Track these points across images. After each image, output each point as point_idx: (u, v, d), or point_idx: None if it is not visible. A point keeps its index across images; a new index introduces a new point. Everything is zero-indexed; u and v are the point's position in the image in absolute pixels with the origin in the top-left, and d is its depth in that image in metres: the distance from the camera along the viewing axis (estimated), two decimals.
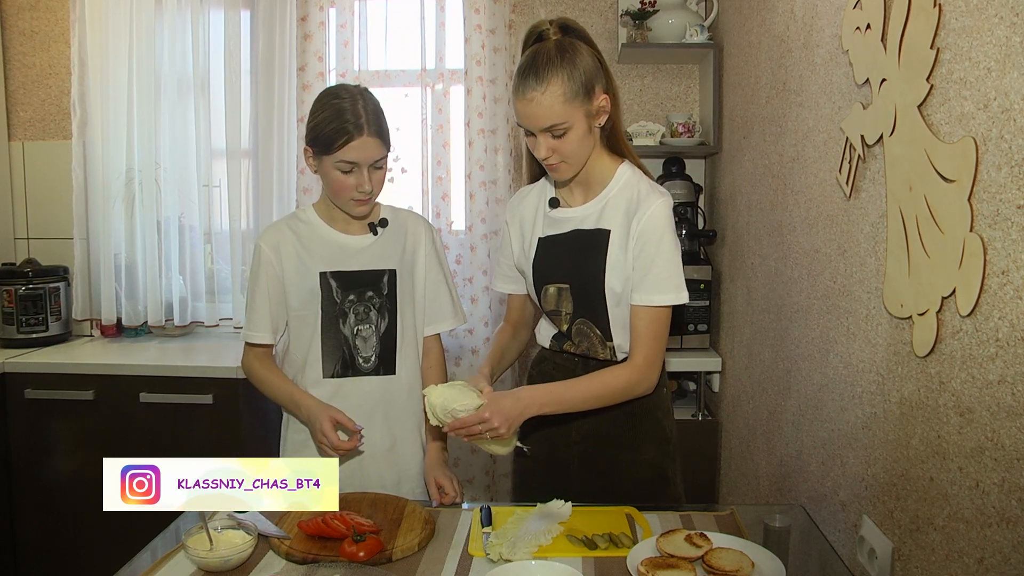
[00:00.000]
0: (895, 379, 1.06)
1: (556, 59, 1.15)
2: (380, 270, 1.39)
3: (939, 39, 0.93)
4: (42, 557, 2.16)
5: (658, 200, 1.22)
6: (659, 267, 1.21)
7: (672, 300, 1.22)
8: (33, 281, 2.34)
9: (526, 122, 1.19)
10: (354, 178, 1.28)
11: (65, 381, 2.10)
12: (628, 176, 1.27)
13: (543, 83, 1.14)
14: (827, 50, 1.31)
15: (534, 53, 1.18)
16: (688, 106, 2.45)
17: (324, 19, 2.36)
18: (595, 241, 1.25)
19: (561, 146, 1.18)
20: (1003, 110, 0.81)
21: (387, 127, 1.32)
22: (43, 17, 2.51)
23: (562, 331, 1.31)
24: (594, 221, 1.26)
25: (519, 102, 1.17)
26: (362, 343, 1.38)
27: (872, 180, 1.13)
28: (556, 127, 1.16)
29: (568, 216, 1.29)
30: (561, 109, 1.15)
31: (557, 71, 1.14)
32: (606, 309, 1.26)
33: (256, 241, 1.42)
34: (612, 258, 1.24)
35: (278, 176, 2.39)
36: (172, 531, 1.20)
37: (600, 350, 1.29)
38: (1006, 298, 0.81)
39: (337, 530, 1.09)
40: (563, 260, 1.29)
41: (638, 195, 1.23)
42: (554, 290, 1.30)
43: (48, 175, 2.52)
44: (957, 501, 0.90)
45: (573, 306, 1.29)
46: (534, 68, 1.15)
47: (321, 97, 1.32)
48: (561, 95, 1.14)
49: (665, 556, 1.04)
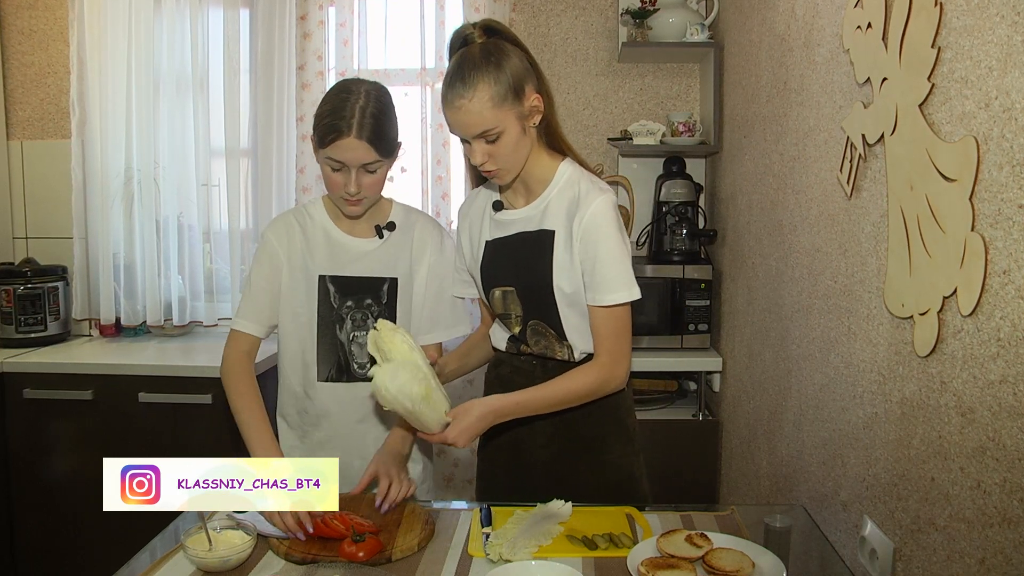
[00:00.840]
0: (896, 379, 1.06)
1: (481, 63, 1.13)
2: (381, 278, 1.36)
3: (940, 38, 0.93)
4: (41, 557, 2.15)
5: (598, 198, 1.19)
6: (605, 266, 1.19)
7: (624, 298, 1.19)
8: (32, 281, 2.34)
9: (457, 130, 1.17)
10: (342, 177, 1.25)
11: (64, 381, 2.09)
12: (568, 174, 1.24)
13: (470, 89, 1.12)
14: (828, 49, 1.31)
15: (459, 59, 1.16)
16: (688, 105, 2.45)
17: (323, 18, 2.36)
18: (540, 243, 1.23)
19: (496, 151, 1.16)
20: (1004, 109, 0.81)
21: (390, 132, 1.27)
22: (42, 16, 2.50)
23: (515, 334, 1.30)
24: (537, 222, 1.24)
25: (448, 111, 1.16)
26: (358, 349, 1.35)
27: (873, 179, 1.13)
28: (488, 132, 1.14)
29: (512, 218, 1.28)
30: (490, 114, 1.13)
31: (483, 76, 1.13)
32: (557, 310, 1.24)
33: (263, 231, 1.40)
34: (558, 259, 1.22)
35: (277, 175, 2.39)
36: (171, 531, 1.20)
37: (558, 349, 1.27)
38: (1007, 298, 0.81)
39: (337, 530, 1.09)
40: (509, 263, 1.27)
41: (578, 194, 1.21)
42: (499, 293, 1.28)
43: (47, 174, 2.51)
44: (958, 501, 0.90)
45: (523, 308, 1.27)
46: (460, 75, 1.14)
47: (332, 88, 1.30)
48: (489, 100, 1.13)
49: (665, 556, 1.04)
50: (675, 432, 2.14)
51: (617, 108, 2.47)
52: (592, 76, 2.47)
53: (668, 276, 2.17)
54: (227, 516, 1.13)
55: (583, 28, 2.46)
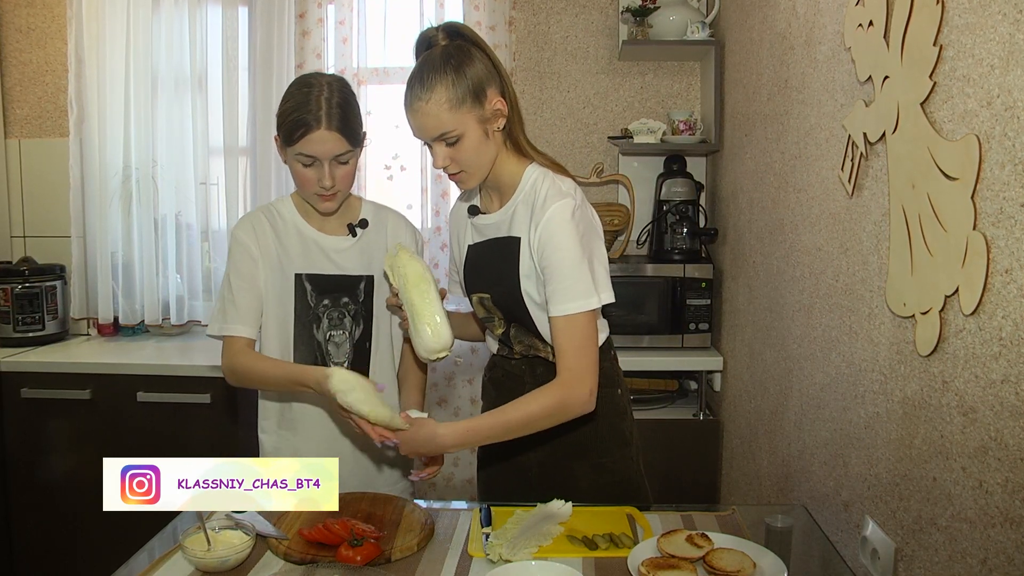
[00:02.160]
0: (898, 378, 1.05)
1: (440, 66, 1.13)
2: (358, 276, 1.35)
3: (942, 36, 0.93)
4: (39, 558, 2.15)
5: (552, 205, 1.14)
6: (559, 275, 1.14)
7: (580, 307, 1.13)
8: (29, 280, 2.33)
9: (417, 133, 1.17)
10: (314, 172, 1.24)
11: (62, 380, 2.09)
12: (534, 179, 1.21)
13: (427, 91, 1.12)
14: (829, 47, 1.30)
15: (421, 62, 1.16)
16: (689, 103, 2.45)
17: (323, 15, 2.35)
18: (509, 249, 1.22)
19: (456, 154, 1.15)
20: (1006, 107, 0.81)
21: (356, 121, 1.26)
22: (40, 14, 2.49)
23: (499, 335, 1.29)
24: (507, 228, 1.23)
25: (407, 113, 1.16)
26: (334, 349, 1.35)
27: (875, 178, 1.13)
28: (447, 135, 1.13)
29: (487, 223, 1.27)
30: (448, 117, 1.12)
31: (440, 78, 1.12)
32: (531, 316, 1.22)
33: (233, 230, 1.34)
34: (524, 267, 1.20)
35: (276, 173, 2.38)
36: (169, 531, 1.20)
37: (541, 348, 1.26)
38: (1009, 297, 0.81)
39: (337, 535, 1.09)
40: (483, 269, 1.27)
41: (536, 200, 1.18)
42: (476, 299, 1.29)
43: (45, 173, 2.50)
44: (960, 501, 0.90)
45: (502, 312, 1.27)
46: (419, 77, 1.13)
47: (291, 85, 1.27)
48: (446, 102, 1.11)
49: (666, 556, 1.04)
50: (676, 432, 2.14)
51: (618, 106, 2.47)
52: (592, 74, 2.46)
53: (669, 275, 2.17)
54: (226, 516, 1.13)
55: (583, 26, 2.46)
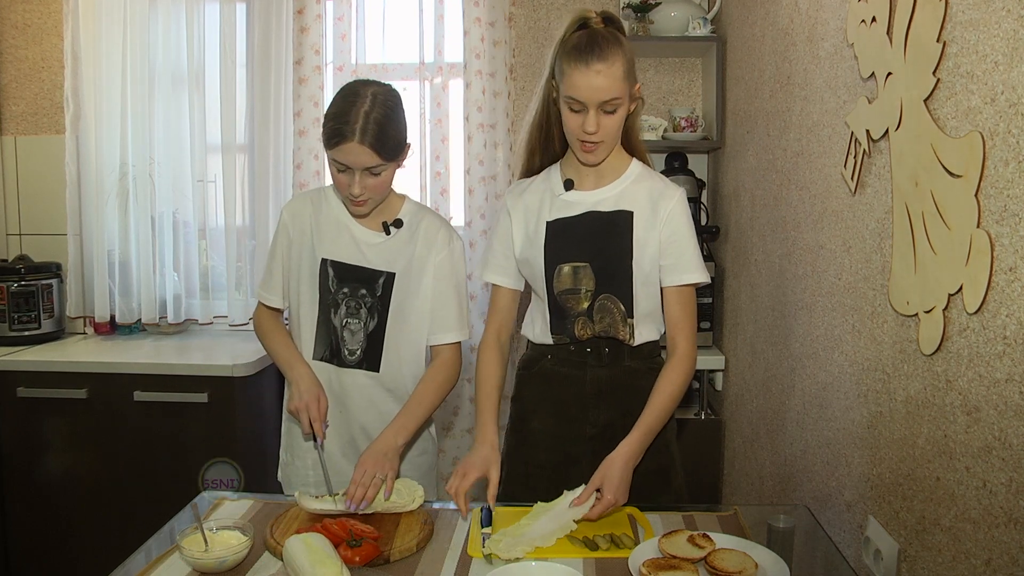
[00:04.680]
0: (901, 377, 1.05)
1: (614, 41, 1.23)
2: (379, 271, 1.38)
3: (946, 32, 0.92)
4: (34, 558, 2.14)
5: (680, 191, 1.34)
6: (687, 248, 1.31)
7: (700, 278, 1.32)
8: (25, 278, 2.32)
9: (587, 94, 1.21)
10: (347, 177, 1.28)
11: (58, 379, 2.08)
12: (641, 170, 1.36)
13: (609, 57, 1.21)
14: (832, 43, 1.29)
15: (590, 35, 1.24)
16: (691, 100, 2.44)
17: (321, 11, 2.34)
18: (617, 222, 1.31)
19: (608, 123, 1.24)
20: (1010, 104, 0.80)
21: (394, 137, 1.28)
22: (36, 10, 2.48)
23: (580, 310, 1.31)
24: (613, 204, 1.32)
25: (582, 75, 1.21)
26: (349, 336, 1.38)
27: (878, 175, 1.12)
28: (612, 101, 1.22)
29: (581, 199, 1.33)
30: (621, 85, 1.22)
31: (617, 50, 1.22)
32: (631, 287, 1.30)
33: (283, 208, 1.46)
34: (639, 238, 1.30)
35: (274, 171, 2.37)
36: (167, 532, 1.19)
37: (621, 328, 1.31)
38: (1014, 295, 0.80)
39: (336, 535, 1.08)
40: (581, 239, 1.31)
41: (660, 185, 1.34)
42: (569, 269, 1.31)
43: (41, 170, 2.49)
44: (964, 501, 0.89)
45: (595, 283, 1.31)
46: (597, 46, 1.21)
47: (341, 89, 1.31)
48: (622, 71, 1.22)
49: (667, 557, 1.03)
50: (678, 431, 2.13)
51: None
52: None
53: None
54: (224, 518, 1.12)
55: None
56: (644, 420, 1.24)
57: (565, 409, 1.35)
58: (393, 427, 1.31)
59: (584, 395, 1.33)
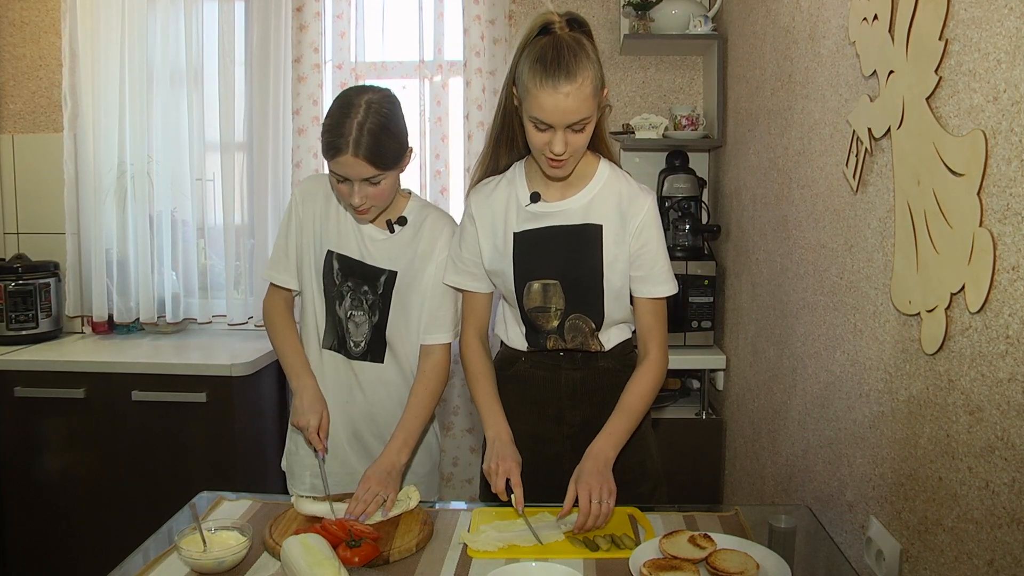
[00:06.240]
0: (903, 377, 1.04)
1: (581, 53, 1.13)
2: (381, 269, 1.37)
3: (948, 30, 0.91)
4: (32, 558, 2.13)
5: (649, 199, 1.29)
6: (657, 261, 1.29)
7: (671, 290, 1.31)
8: (23, 277, 2.31)
9: (554, 117, 1.13)
10: (346, 187, 1.27)
11: (56, 379, 2.07)
12: (609, 173, 1.29)
13: (576, 78, 1.11)
14: (833, 41, 1.29)
15: (555, 47, 1.13)
16: (692, 98, 2.43)
17: (320, 9, 2.33)
18: (586, 236, 1.26)
19: (577, 140, 1.17)
20: (1013, 102, 0.80)
21: (390, 147, 1.25)
22: (33, 8, 2.47)
23: (549, 328, 1.30)
24: (581, 216, 1.26)
25: (549, 96, 1.11)
26: (354, 328, 1.39)
27: (879, 174, 1.12)
28: (581, 121, 1.14)
29: (548, 211, 1.27)
30: (590, 104, 1.14)
31: (585, 65, 1.12)
32: (602, 304, 1.27)
33: (296, 187, 1.43)
34: (609, 254, 1.26)
35: (273, 170, 2.36)
36: (165, 532, 1.18)
37: (591, 341, 1.31)
38: (1016, 294, 0.80)
39: (335, 535, 1.07)
40: (550, 255, 1.27)
41: (627, 193, 1.28)
42: (539, 286, 1.28)
43: (38, 169, 2.49)
44: (966, 501, 0.89)
45: (565, 302, 1.28)
46: (563, 63, 1.11)
47: (336, 98, 1.28)
48: (591, 89, 1.13)
49: (668, 558, 1.03)
50: (678, 431, 2.13)
51: (619, 101, 2.45)
52: None
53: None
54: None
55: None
56: (612, 427, 1.22)
57: (543, 409, 1.34)
58: (395, 444, 1.30)
59: (560, 396, 1.33)
